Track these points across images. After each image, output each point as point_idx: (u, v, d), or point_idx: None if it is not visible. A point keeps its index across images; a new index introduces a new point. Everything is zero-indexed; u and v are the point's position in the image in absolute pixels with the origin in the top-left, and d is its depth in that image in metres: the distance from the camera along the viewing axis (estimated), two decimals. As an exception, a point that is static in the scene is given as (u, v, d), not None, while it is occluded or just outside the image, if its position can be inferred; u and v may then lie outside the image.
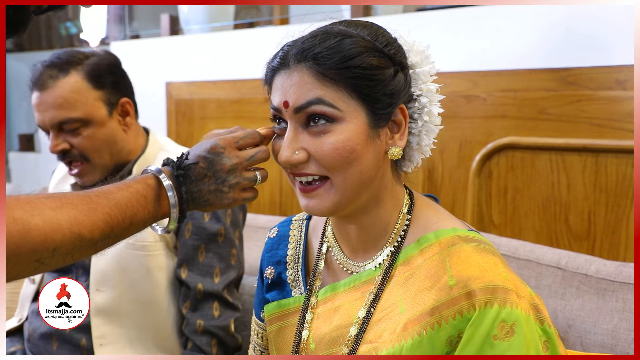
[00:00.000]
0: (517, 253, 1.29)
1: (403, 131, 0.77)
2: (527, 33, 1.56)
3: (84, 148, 1.28)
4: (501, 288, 0.69)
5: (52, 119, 1.25)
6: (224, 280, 1.29)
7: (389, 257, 0.79)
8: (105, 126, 1.30)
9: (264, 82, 0.80)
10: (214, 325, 1.26)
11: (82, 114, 1.26)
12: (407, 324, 0.73)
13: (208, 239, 1.29)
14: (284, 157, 0.73)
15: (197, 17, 2.51)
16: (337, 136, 0.72)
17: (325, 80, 0.71)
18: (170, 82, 2.38)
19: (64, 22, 4.38)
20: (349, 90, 0.72)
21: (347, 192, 0.74)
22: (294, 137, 0.74)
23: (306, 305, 0.85)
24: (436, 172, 1.71)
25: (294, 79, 0.73)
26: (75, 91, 1.26)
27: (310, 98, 0.71)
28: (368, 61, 0.72)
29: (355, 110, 0.72)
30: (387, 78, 0.73)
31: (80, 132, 1.27)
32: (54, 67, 1.26)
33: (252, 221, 1.88)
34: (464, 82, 1.64)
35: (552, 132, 1.51)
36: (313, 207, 0.76)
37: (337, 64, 0.71)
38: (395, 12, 2.04)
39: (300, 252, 0.90)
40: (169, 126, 2.40)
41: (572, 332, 1.14)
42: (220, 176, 0.78)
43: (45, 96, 1.25)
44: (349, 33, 0.73)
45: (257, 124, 2.14)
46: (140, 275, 1.29)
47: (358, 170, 0.73)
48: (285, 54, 0.74)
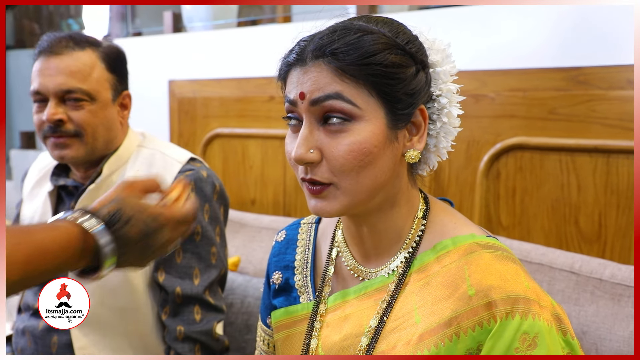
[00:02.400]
0: (528, 256, 1.26)
1: (422, 133, 0.74)
2: (536, 31, 1.53)
3: (82, 122, 1.23)
4: (523, 298, 0.66)
5: (60, 84, 1.21)
6: (204, 282, 1.22)
7: (403, 263, 0.76)
8: (107, 110, 1.28)
9: (278, 78, 0.76)
10: (196, 330, 1.20)
11: (90, 89, 1.23)
12: (423, 335, 0.70)
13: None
14: (298, 154, 0.69)
15: (200, 14, 2.50)
16: (354, 137, 0.68)
17: (345, 76, 0.68)
18: (173, 80, 2.36)
19: (66, 19, 4.36)
20: (369, 87, 0.68)
21: (358, 195, 0.71)
22: (309, 134, 0.70)
23: (315, 312, 0.82)
24: (443, 173, 1.69)
25: (311, 73, 0.69)
26: (89, 65, 1.24)
27: (328, 92, 0.68)
28: (390, 59, 0.68)
29: (375, 109, 0.69)
30: (409, 77, 0.70)
31: (84, 106, 1.23)
32: (70, 39, 1.24)
33: (255, 221, 1.86)
34: (472, 81, 1.61)
35: (562, 132, 1.48)
36: (321, 208, 0.72)
37: (357, 60, 0.67)
38: (401, 10, 2.01)
39: (309, 257, 0.87)
40: (171, 124, 2.38)
41: (587, 338, 1.11)
42: (153, 244, 0.76)
43: (57, 61, 1.21)
44: (370, 29, 0.70)
45: (260, 122, 2.13)
46: (117, 282, 1.24)
47: (372, 174, 0.70)
48: (302, 49, 0.71)
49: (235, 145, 2.18)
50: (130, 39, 2.68)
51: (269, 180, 2.10)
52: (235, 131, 2.17)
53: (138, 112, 2.48)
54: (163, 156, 1.32)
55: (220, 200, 1.31)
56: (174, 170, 1.27)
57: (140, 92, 2.52)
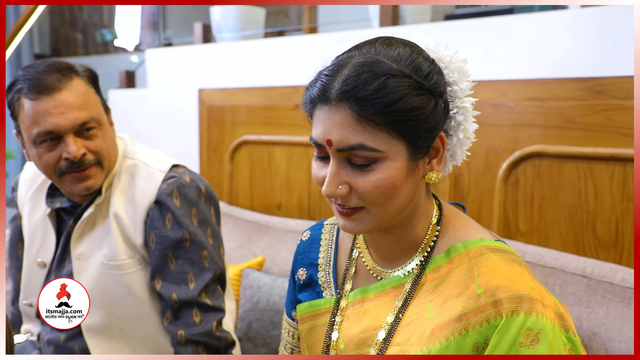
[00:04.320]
0: (542, 261, 1.30)
1: (441, 157, 0.79)
2: (554, 42, 1.57)
3: (100, 149, 1.23)
4: (527, 297, 0.71)
5: (76, 119, 1.18)
6: (199, 285, 1.24)
7: (419, 265, 0.83)
8: (109, 130, 1.28)
9: (303, 109, 0.80)
10: (196, 333, 1.22)
11: (97, 115, 1.23)
12: (435, 329, 0.76)
13: (174, 246, 1.25)
14: (329, 192, 0.75)
15: (229, 25, 2.57)
16: (379, 174, 0.73)
17: (368, 125, 0.71)
18: (203, 88, 2.44)
19: (100, 29, 4.52)
20: (391, 131, 0.72)
21: (384, 219, 0.78)
22: (337, 172, 0.75)
23: (336, 307, 0.89)
24: (463, 180, 1.73)
25: (336, 119, 0.73)
26: (85, 92, 1.22)
27: (352, 143, 0.72)
28: (411, 103, 0.72)
29: (397, 148, 0.73)
30: (428, 114, 0.74)
31: (96, 134, 1.23)
32: (53, 72, 1.20)
33: (281, 224, 1.93)
34: (492, 91, 1.65)
35: (580, 140, 1.52)
36: (351, 228, 0.79)
37: (381, 109, 0.71)
38: (423, 21, 2.06)
39: (332, 255, 0.94)
40: (200, 131, 2.46)
41: (597, 339, 1.15)
42: None
43: (62, 97, 1.18)
44: (392, 71, 0.72)
45: (286, 130, 2.20)
46: (122, 293, 1.28)
47: (397, 202, 0.76)
48: (326, 87, 0.74)
49: (261, 152, 2.25)
50: (161, 49, 2.78)
51: (294, 185, 2.16)
52: (261, 138, 2.23)
53: (169, 119, 2.59)
54: (146, 166, 1.32)
55: (209, 202, 1.32)
56: (157, 180, 1.28)
57: (171, 100, 2.62)
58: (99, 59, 4.45)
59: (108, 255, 1.27)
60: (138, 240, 1.27)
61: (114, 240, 1.27)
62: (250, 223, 2.01)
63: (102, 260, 1.28)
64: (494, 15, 1.77)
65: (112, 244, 1.27)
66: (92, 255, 1.30)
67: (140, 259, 1.29)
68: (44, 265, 1.37)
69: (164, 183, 1.28)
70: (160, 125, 2.65)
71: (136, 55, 4.11)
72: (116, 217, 1.28)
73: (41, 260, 1.37)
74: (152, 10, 3.79)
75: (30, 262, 1.39)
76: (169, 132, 2.62)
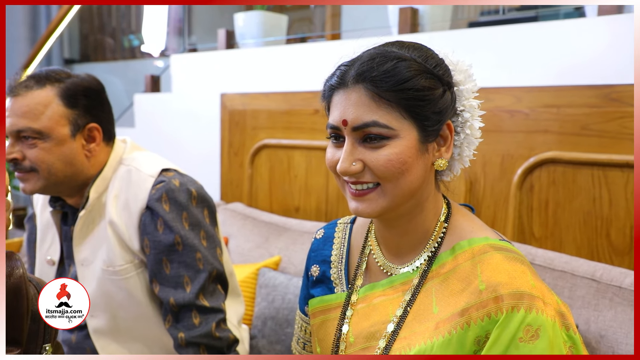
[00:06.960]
0: (552, 264, 1.31)
1: (449, 145, 0.84)
2: (570, 50, 1.59)
3: (36, 159, 1.25)
4: (528, 295, 0.74)
5: (12, 125, 1.24)
6: (195, 287, 1.25)
7: (426, 261, 0.86)
8: (64, 145, 1.27)
9: (322, 99, 0.87)
10: (196, 335, 1.24)
11: (42, 127, 1.24)
12: (439, 323, 0.79)
13: (167, 250, 1.26)
14: (343, 168, 0.80)
15: (252, 31, 2.63)
16: (392, 149, 0.79)
17: (381, 102, 0.78)
18: (225, 93, 2.51)
19: (127, 34, 4.63)
20: (402, 110, 0.78)
21: (396, 198, 0.81)
22: (352, 150, 0.80)
23: (347, 302, 0.92)
24: (478, 185, 1.75)
25: (352, 98, 0.80)
26: (42, 103, 1.25)
27: (366, 120, 0.78)
28: (421, 83, 0.79)
29: (408, 127, 0.79)
30: (437, 97, 0.80)
31: (36, 144, 1.25)
32: (32, 79, 1.27)
33: (298, 226, 1.97)
34: (507, 97, 1.68)
35: (595, 147, 1.53)
36: (362, 210, 0.82)
37: (393, 87, 0.78)
38: (442, 29, 2.09)
39: (344, 253, 0.98)
40: (222, 135, 2.52)
41: (604, 342, 1.16)
42: None
43: (14, 103, 1.25)
44: (403, 56, 0.80)
45: (305, 134, 2.25)
46: (123, 297, 1.30)
47: (408, 180, 0.80)
48: (344, 74, 0.81)
49: (281, 156, 2.30)
50: (186, 55, 2.85)
51: (312, 188, 2.20)
52: (281, 142, 2.28)
53: (192, 122, 2.66)
54: (137, 172, 1.33)
55: (201, 204, 1.32)
56: (147, 186, 1.30)
57: (194, 105, 2.69)
58: (125, 64, 4.57)
59: (107, 262, 1.31)
60: (135, 246, 1.29)
61: (111, 246, 1.30)
62: (268, 224, 2.05)
63: (102, 267, 1.32)
64: (517, 22, 1.78)
65: (110, 250, 1.30)
66: (94, 262, 1.33)
67: (139, 263, 1.31)
68: (52, 263, 1.41)
69: (153, 188, 1.29)
70: (183, 129, 2.72)
71: (161, 60, 4.21)
72: (112, 223, 1.30)
73: (50, 258, 1.42)
74: (178, 16, 3.88)
75: (41, 259, 1.44)
76: (191, 135, 2.68)
